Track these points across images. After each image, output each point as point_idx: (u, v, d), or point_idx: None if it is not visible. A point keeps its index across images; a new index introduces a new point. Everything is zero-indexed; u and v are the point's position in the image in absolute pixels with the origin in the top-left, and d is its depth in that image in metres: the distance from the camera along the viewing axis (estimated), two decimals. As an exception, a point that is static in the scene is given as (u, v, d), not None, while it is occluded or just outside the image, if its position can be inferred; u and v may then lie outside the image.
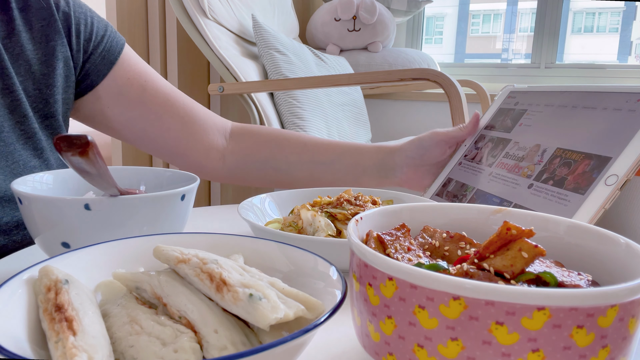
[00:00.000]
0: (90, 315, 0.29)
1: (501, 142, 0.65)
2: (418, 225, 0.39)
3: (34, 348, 0.28)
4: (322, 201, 0.58)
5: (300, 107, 1.71)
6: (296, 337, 0.26)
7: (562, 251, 0.35)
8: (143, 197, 0.44)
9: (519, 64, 2.42)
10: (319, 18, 2.26)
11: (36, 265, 0.32)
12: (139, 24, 1.88)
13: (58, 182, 0.54)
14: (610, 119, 0.53)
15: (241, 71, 1.65)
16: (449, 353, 0.26)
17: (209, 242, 0.39)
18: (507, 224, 0.30)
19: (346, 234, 0.44)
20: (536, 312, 0.24)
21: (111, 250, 0.37)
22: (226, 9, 1.78)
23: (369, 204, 0.56)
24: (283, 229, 0.56)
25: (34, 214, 0.44)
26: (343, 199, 0.57)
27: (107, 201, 0.43)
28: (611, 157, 0.50)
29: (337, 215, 0.54)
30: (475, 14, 2.77)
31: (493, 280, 0.29)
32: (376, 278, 0.29)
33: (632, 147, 0.49)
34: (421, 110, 2.26)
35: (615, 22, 2.50)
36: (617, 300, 0.25)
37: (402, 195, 0.63)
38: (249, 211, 0.60)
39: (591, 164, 0.51)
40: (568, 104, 0.60)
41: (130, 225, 0.44)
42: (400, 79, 1.30)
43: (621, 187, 0.47)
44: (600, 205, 0.47)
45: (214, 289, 0.30)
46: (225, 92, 1.56)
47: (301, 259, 0.37)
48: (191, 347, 0.28)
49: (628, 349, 0.27)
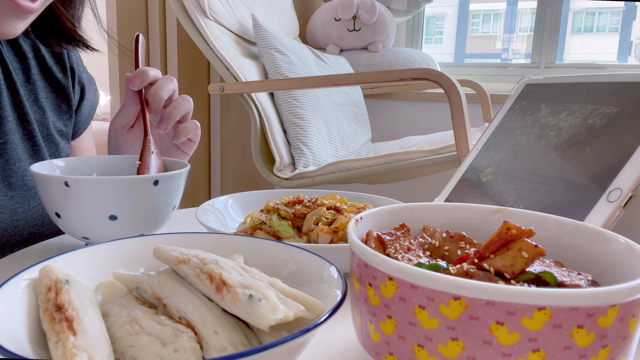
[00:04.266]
0: (91, 315, 0.29)
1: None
2: (418, 225, 0.39)
3: (34, 348, 0.28)
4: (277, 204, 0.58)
5: (300, 107, 1.71)
6: (296, 337, 0.26)
7: (562, 251, 0.35)
8: (114, 179, 0.50)
9: (519, 63, 2.42)
10: (319, 18, 2.26)
11: (36, 265, 0.32)
12: (139, 24, 1.88)
13: (71, 166, 0.62)
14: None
15: (241, 71, 1.65)
16: (449, 353, 0.26)
17: (209, 242, 0.39)
18: (507, 224, 0.30)
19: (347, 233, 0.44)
20: (536, 312, 0.24)
21: (111, 250, 0.37)
22: (226, 9, 1.78)
23: (323, 208, 0.55)
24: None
25: (38, 189, 0.53)
26: (297, 200, 0.57)
27: (83, 180, 0.49)
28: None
29: (281, 213, 0.55)
30: (475, 13, 2.77)
31: (493, 280, 0.29)
32: (376, 278, 0.29)
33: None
34: (421, 110, 2.26)
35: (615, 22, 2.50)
36: (617, 300, 0.25)
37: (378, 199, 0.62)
38: (209, 214, 0.58)
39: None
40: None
41: (103, 204, 0.50)
42: (400, 78, 1.30)
43: (625, 205, 0.41)
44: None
45: (213, 289, 0.30)
46: (225, 92, 1.56)
47: (301, 258, 0.36)
48: (191, 347, 0.28)
49: (628, 348, 0.27)
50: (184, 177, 0.56)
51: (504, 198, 0.60)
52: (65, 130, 0.74)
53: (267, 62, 1.74)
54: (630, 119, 0.48)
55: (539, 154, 0.59)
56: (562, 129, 0.58)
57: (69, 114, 0.74)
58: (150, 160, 0.61)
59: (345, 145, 1.84)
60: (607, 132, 0.49)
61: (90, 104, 0.80)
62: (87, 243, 0.55)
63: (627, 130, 0.47)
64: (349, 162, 1.50)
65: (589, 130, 0.52)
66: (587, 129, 0.53)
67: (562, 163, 0.53)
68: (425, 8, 2.48)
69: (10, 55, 0.67)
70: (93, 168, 0.63)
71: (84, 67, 0.79)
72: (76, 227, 0.52)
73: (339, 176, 1.51)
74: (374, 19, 2.17)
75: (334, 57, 2.07)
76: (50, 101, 0.71)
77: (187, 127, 0.67)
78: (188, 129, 0.67)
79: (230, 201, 0.63)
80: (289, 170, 1.61)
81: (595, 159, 0.47)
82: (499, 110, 0.70)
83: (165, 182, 0.52)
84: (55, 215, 0.53)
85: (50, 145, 0.70)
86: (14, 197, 0.63)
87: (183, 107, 0.66)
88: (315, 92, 1.79)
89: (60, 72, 0.73)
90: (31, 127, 0.67)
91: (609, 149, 0.47)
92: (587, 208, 0.44)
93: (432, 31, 2.76)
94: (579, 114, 0.55)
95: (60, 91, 0.73)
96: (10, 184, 0.63)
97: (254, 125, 1.64)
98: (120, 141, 0.70)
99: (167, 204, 0.54)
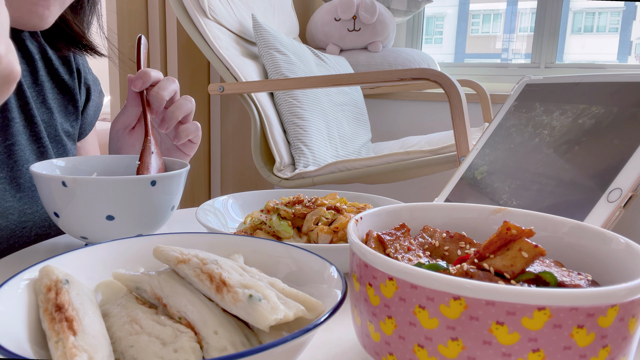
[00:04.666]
0: (91, 315, 0.29)
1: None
2: (418, 225, 0.39)
3: (34, 348, 0.28)
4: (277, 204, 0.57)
5: (300, 107, 1.71)
6: (296, 337, 0.26)
7: (562, 251, 0.35)
8: (110, 179, 0.50)
9: (519, 63, 2.42)
10: (319, 18, 2.26)
11: (36, 265, 0.32)
12: (139, 24, 1.88)
13: (72, 166, 0.63)
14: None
15: (241, 71, 1.65)
16: (449, 353, 0.26)
17: (209, 242, 0.39)
18: (507, 224, 0.30)
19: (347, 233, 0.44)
20: (537, 312, 0.24)
21: (111, 250, 0.37)
22: (226, 9, 1.78)
23: (323, 208, 0.55)
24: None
25: (37, 188, 0.54)
26: (297, 200, 0.56)
27: (80, 180, 0.49)
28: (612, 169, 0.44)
29: (281, 213, 0.55)
30: (475, 13, 2.77)
31: (493, 280, 0.29)
32: (376, 278, 0.29)
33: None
34: (421, 110, 2.26)
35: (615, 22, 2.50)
36: (617, 300, 0.25)
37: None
38: (209, 214, 0.58)
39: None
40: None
41: (100, 204, 0.50)
42: (400, 78, 1.30)
43: (625, 205, 0.41)
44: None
45: (214, 289, 0.30)
46: (225, 92, 1.56)
47: (301, 258, 0.36)
48: (191, 347, 0.28)
49: (628, 348, 0.27)
50: (183, 178, 0.56)
51: (504, 198, 0.60)
52: (72, 131, 0.74)
53: (267, 62, 1.74)
54: (630, 119, 0.48)
55: (538, 153, 0.59)
56: (561, 129, 0.58)
57: (75, 115, 0.74)
58: (150, 160, 0.61)
59: (345, 145, 1.84)
60: (607, 132, 0.49)
61: (95, 106, 0.80)
62: (87, 243, 0.55)
63: (627, 130, 0.47)
64: (349, 162, 1.50)
65: (588, 131, 0.52)
66: (586, 129, 0.53)
67: (561, 163, 0.53)
68: (425, 8, 2.48)
69: (17, 56, 0.68)
70: (93, 168, 0.63)
71: (89, 69, 0.79)
72: (74, 227, 0.52)
73: (339, 176, 1.51)
74: (374, 19, 2.17)
75: (334, 57, 2.07)
76: (57, 102, 0.71)
77: (188, 128, 0.67)
78: (189, 130, 0.67)
79: (230, 201, 0.63)
80: (289, 170, 1.61)
81: (595, 159, 0.47)
82: (499, 110, 0.70)
83: (163, 183, 0.52)
84: (54, 215, 0.53)
85: (57, 147, 0.70)
86: (22, 198, 0.63)
87: (185, 107, 0.66)
88: (315, 92, 1.79)
89: (66, 74, 0.73)
90: (38, 129, 0.67)
91: (609, 149, 0.47)
92: (587, 208, 0.44)
93: (432, 31, 2.76)
94: (578, 114, 0.55)
95: (67, 92, 0.73)
96: (18, 185, 0.63)
97: (254, 125, 1.64)
98: (121, 142, 0.70)
99: (165, 204, 0.54)
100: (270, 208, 0.56)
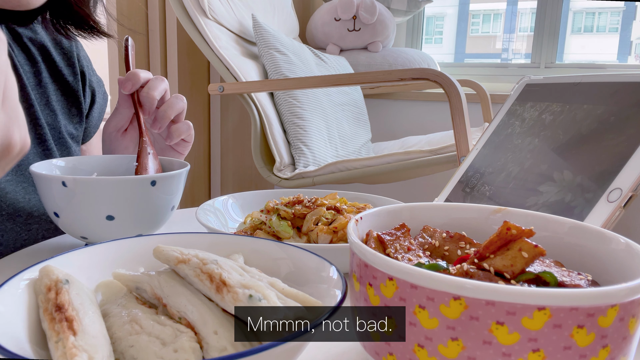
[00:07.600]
0: (91, 315, 0.29)
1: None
2: (418, 225, 0.39)
3: (34, 348, 0.28)
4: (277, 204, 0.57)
5: (300, 107, 1.71)
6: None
7: (562, 251, 0.35)
8: (110, 179, 0.50)
9: (519, 63, 2.42)
10: (319, 18, 2.25)
11: (36, 265, 0.32)
12: (139, 24, 1.88)
13: (71, 166, 0.63)
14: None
15: (241, 71, 1.65)
16: (449, 353, 0.26)
17: (209, 242, 0.39)
18: (507, 224, 0.30)
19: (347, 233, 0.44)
20: (537, 312, 0.24)
21: (111, 250, 0.37)
22: (226, 9, 1.78)
23: (323, 208, 0.55)
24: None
25: (37, 188, 0.53)
26: (297, 200, 0.56)
27: (80, 180, 0.49)
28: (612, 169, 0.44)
29: (281, 213, 0.55)
30: (475, 13, 2.77)
31: (493, 280, 0.29)
32: (376, 278, 0.29)
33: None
34: (421, 110, 2.26)
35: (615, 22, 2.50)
36: (617, 300, 0.25)
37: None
38: (209, 214, 0.57)
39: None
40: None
41: (100, 204, 0.50)
42: (400, 78, 1.30)
43: (625, 205, 0.41)
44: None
45: (214, 289, 0.30)
46: (225, 92, 1.56)
47: (301, 258, 0.36)
48: (191, 347, 0.28)
49: (628, 348, 0.27)
50: (183, 178, 0.56)
51: (504, 198, 0.60)
52: (76, 133, 0.74)
53: (267, 62, 1.74)
54: (630, 119, 0.48)
55: (538, 153, 0.59)
56: (561, 129, 0.58)
57: (79, 117, 0.74)
58: (148, 161, 0.61)
59: (345, 145, 1.84)
60: (607, 132, 0.49)
61: (99, 108, 0.80)
62: (87, 243, 0.55)
63: (627, 130, 0.47)
64: (349, 162, 1.50)
65: (588, 130, 0.52)
66: (586, 128, 0.53)
67: (561, 163, 0.53)
68: (425, 8, 2.48)
69: (21, 58, 0.67)
70: (93, 168, 0.63)
71: (94, 70, 0.79)
72: (74, 227, 0.52)
73: (339, 176, 1.51)
74: (374, 19, 2.17)
75: (334, 57, 2.07)
76: (61, 104, 0.71)
77: (180, 127, 0.67)
78: (181, 130, 0.67)
79: (230, 201, 0.63)
80: (289, 170, 1.61)
81: (595, 159, 0.47)
82: (499, 110, 0.70)
83: (163, 183, 0.52)
84: (54, 215, 0.53)
85: (62, 149, 0.70)
86: (31, 200, 0.63)
87: (177, 105, 0.66)
88: (315, 92, 1.79)
89: (70, 75, 0.73)
90: (43, 131, 0.67)
91: (609, 149, 0.47)
92: (587, 208, 0.44)
93: (432, 31, 2.76)
94: (578, 114, 0.55)
95: (71, 94, 0.73)
96: (24, 188, 0.63)
97: (254, 125, 1.64)
98: (114, 144, 0.70)
99: (165, 205, 0.54)
100: (270, 208, 0.56)
